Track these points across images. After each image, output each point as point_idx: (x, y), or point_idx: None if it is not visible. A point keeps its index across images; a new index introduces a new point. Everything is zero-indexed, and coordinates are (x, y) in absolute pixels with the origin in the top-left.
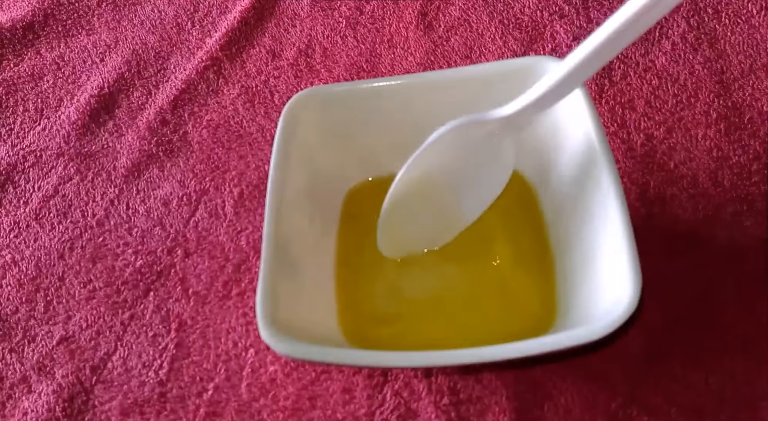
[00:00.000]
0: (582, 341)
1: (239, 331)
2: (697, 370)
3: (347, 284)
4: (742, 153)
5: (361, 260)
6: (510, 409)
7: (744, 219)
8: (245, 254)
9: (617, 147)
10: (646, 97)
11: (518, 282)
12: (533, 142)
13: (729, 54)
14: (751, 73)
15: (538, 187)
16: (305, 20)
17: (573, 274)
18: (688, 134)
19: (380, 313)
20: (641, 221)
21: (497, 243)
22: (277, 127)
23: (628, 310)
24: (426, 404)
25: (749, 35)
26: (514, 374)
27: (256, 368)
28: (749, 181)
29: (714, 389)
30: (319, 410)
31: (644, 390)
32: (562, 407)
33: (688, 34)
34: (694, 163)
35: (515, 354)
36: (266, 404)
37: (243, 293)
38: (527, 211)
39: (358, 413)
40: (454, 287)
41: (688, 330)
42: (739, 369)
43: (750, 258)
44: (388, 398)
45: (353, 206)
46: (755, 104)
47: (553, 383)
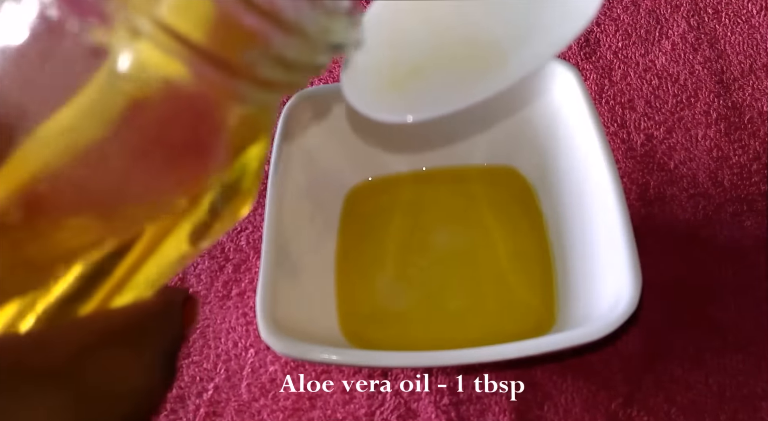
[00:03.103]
0: (582, 341)
1: (239, 331)
2: (697, 370)
3: (347, 284)
4: (742, 153)
5: (361, 260)
6: (510, 409)
7: (744, 219)
8: (245, 254)
9: (617, 147)
10: (646, 97)
11: (518, 282)
12: (533, 142)
13: (729, 54)
14: (751, 73)
15: (538, 186)
16: None
17: (573, 274)
18: (688, 134)
19: (380, 313)
20: (641, 221)
21: (497, 243)
22: (276, 127)
23: (628, 310)
24: (426, 404)
25: (749, 35)
26: (514, 374)
27: (256, 368)
28: (749, 181)
29: (714, 389)
30: (319, 410)
31: (644, 390)
32: (562, 407)
33: (688, 34)
34: (694, 163)
35: (515, 354)
36: (266, 404)
37: (243, 293)
38: (527, 210)
39: (358, 413)
40: (454, 286)
41: (688, 330)
42: (739, 369)
43: (750, 258)
44: (388, 398)
45: (353, 206)
46: (755, 104)
47: (553, 383)
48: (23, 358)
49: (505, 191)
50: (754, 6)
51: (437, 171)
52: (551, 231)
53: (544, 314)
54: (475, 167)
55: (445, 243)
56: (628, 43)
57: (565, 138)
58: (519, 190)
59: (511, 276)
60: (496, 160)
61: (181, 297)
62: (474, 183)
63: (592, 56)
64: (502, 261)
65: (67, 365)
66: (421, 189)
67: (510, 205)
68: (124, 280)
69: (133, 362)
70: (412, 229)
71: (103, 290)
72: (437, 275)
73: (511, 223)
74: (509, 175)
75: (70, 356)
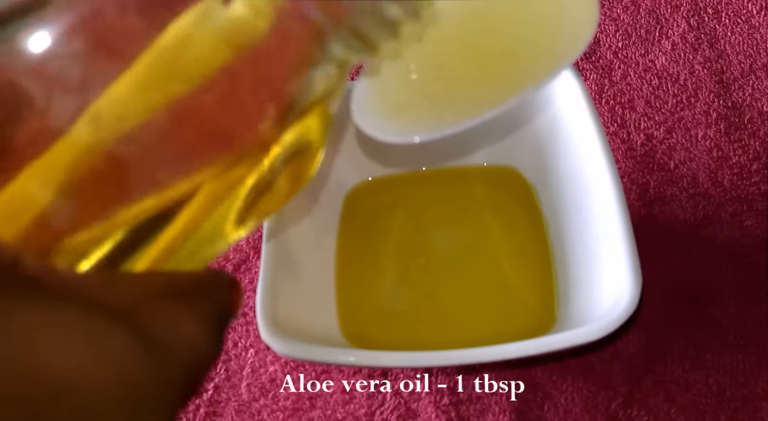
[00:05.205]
0: (582, 341)
1: (239, 331)
2: (697, 370)
3: (347, 283)
4: (742, 153)
5: (361, 260)
6: (510, 409)
7: (744, 219)
8: (245, 254)
9: (617, 147)
10: (646, 97)
11: (518, 282)
12: (533, 142)
13: (729, 54)
14: (751, 73)
15: (538, 186)
16: None
17: (573, 274)
18: (688, 134)
19: (380, 313)
20: (641, 221)
21: (497, 243)
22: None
23: (628, 310)
24: (426, 404)
25: (749, 35)
26: (514, 374)
27: (256, 368)
28: (749, 181)
29: (714, 389)
30: (319, 410)
31: (644, 390)
32: (562, 407)
33: (688, 34)
34: (694, 163)
35: (515, 354)
36: (266, 404)
37: (243, 293)
38: (527, 210)
39: (358, 413)
40: (454, 287)
41: (688, 330)
42: (739, 369)
43: (750, 258)
44: (388, 398)
45: (353, 206)
46: (755, 104)
47: (553, 383)
48: (95, 294)
49: (505, 191)
50: (754, 6)
51: (437, 171)
52: (551, 231)
53: (544, 314)
54: (475, 167)
55: (445, 243)
56: (628, 43)
57: (565, 138)
58: (519, 190)
59: (511, 276)
60: (496, 161)
61: (228, 277)
62: (474, 183)
63: (592, 56)
64: (502, 261)
65: (134, 308)
66: (421, 189)
67: (510, 206)
68: (173, 245)
69: (189, 318)
70: (412, 229)
71: (153, 249)
72: (437, 275)
73: (511, 223)
74: (509, 176)
75: (135, 299)
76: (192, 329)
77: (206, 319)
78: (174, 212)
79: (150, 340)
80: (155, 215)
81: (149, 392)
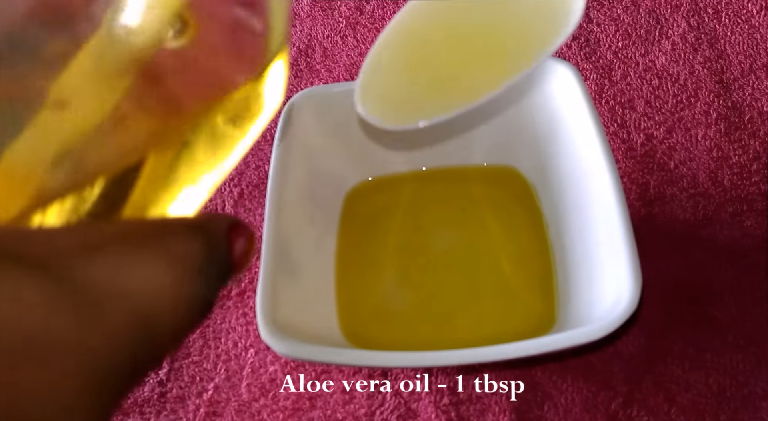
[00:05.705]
0: (582, 341)
1: (239, 331)
2: (697, 370)
3: (347, 283)
4: (742, 153)
5: (361, 260)
6: (510, 409)
7: (744, 219)
8: None
9: (617, 147)
10: (646, 97)
11: (518, 282)
12: (533, 142)
13: (729, 54)
14: (751, 73)
15: (537, 186)
16: (305, 20)
17: (573, 274)
18: (688, 134)
19: (380, 313)
20: (641, 221)
21: (497, 243)
22: (276, 127)
23: (628, 310)
24: (426, 404)
25: (749, 35)
26: (514, 374)
27: (256, 368)
28: (749, 181)
29: (714, 389)
30: (319, 410)
31: (644, 390)
32: (562, 407)
33: (688, 34)
34: (694, 163)
35: (515, 354)
36: (266, 404)
37: (243, 293)
38: (527, 210)
39: (358, 413)
40: (454, 287)
41: (688, 330)
42: (739, 369)
43: (750, 258)
44: (388, 398)
45: (353, 206)
46: (755, 104)
47: (553, 383)
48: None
49: (505, 191)
50: (754, 6)
51: (437, 171)
52: (551, 231)
53: (544, 314)
54: (475, 167)
55: (445, 243)
56: (628, 43)
57: (565, 138)
58: (519, 190)
59: (511, 276)
60: (496, 160)
61: (226, 221)
62: (474, 183)
63: (592, 56)
64: (502, 261)
65: (60, 257)
66: (421, 189)
67: (510, 205)
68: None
69: (145, 263)
70: (412, 229)
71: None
72: (437, 275)
73: (511, 223)
74: (509, 175)
75: (65, 249)
76: (148, 274)
77: (175, 262)
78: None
79: (83, 289)
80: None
81: (85, 351)
